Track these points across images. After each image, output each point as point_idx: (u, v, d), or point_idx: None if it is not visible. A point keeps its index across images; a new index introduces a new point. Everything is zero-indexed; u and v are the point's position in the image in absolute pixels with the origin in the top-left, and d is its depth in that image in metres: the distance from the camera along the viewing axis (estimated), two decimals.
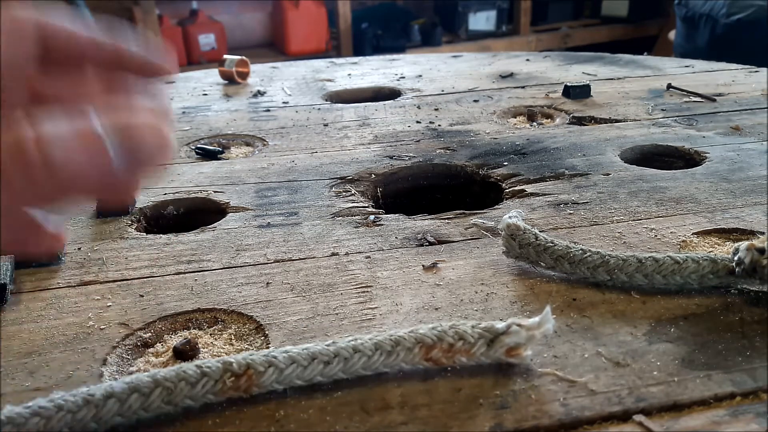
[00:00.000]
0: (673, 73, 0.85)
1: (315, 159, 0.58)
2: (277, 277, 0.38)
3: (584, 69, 0.89)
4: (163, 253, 0.41)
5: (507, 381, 0.28)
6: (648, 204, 0.46)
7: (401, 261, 0.40)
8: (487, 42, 2.86)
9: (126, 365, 0.31)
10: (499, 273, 0.38)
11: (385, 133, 0.64)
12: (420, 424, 0.26)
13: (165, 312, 0.35)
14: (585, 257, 0.35)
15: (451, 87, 0.82)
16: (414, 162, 0.56)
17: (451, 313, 0.34)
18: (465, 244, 0.41)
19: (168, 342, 0.33)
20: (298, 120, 0.70)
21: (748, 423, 0.26)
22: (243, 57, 0.89)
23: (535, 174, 0.52)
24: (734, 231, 0.42)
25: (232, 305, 0.35)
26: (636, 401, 0.27)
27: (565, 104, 0.72)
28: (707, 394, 0.27)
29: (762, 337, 0.31)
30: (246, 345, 0.32)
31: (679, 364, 0.29)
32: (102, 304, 0.36)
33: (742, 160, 0.53)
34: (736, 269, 0.33)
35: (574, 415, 0.26)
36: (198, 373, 0.27)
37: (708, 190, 0.48)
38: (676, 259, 0.34)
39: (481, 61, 0.97)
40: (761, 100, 0.70)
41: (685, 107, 0.69)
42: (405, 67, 0.96)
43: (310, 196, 0.50)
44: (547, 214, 0.45)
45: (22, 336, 0.33)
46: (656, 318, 0.33)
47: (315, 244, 0.42)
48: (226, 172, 0.55)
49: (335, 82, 0.87)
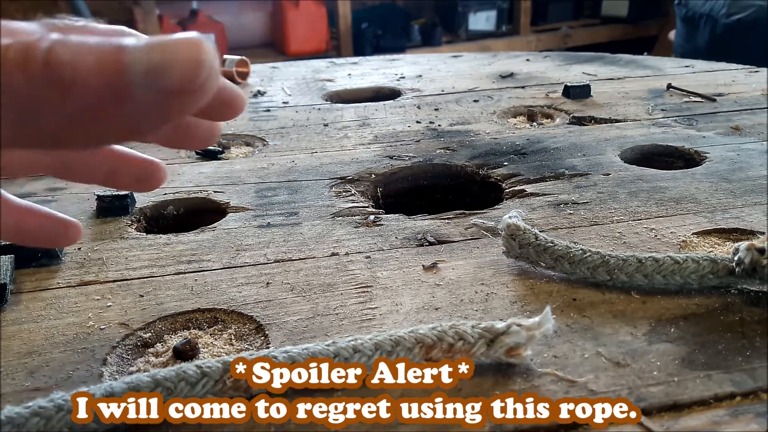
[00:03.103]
0: (673, 73, 0.85)
1: (315, 159, 0.58)
2: (277, 277, 0.38)
3: (584, 69, 0.89)
4: (163, 253, 0.41)
5: (507, 381, 0.28)
6: (648, 204, 0.46)
7: (401, 261, 0.40)
8: (487, 42, 2.86)
9: (126, 365, 0.31)
10: (499, 273, 0.38)
11: (385, 133, 0.64)
12: (420, 424, 0.26)
13: (165, 312, 0.35)
14: (585, 257, 0.35)
15: (451, 87, 0.82)
16: (414, 162, 0.56)
17: (451, 313, 0.34)
18: (465, 244, 0.41)
19: (168, 342, 0.33)
20: (298, 120, 0.70)
21: (748, 423, 0.26)
22: (243, 57, 0.89)
23: (535, 174, 0.52)
24: (734, 231, 0.42)
25: (232, 305, 0.35)
26: (636, 401, 0.27)
27: (565, 104, 0.72)
28: (707, 394, 0.27)
29: (762, 337, 0.31)
30: (246, 345, 0.32)
31: (679, 364, 0.29)
32: (102, 304, 0.36)
33: (742, 160, 0.53)
34: (736, 269, 0.33)
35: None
36: (198, 373, 0.27)
37: (708, 190, 0.48)
38: (676, 259, 0.34)
39: (481, 61, 0.97)
40: (761, 100, 0.70)
41: (685, 107, 0.69)
42: (405, 67, 0.96)
43: (310, 196, 0.50)
44: (547, 214, 0.45)
45: (22, 336, 0.33)
46: (656, 318, 0.33)
47: (315, 244, 0.42)
48: (226, 172, 0.55)
49: (335, 82, 0.87)
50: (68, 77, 0.18)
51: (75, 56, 0.18)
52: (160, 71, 0.18)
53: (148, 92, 0.18)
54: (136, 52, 0.18)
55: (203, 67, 0.18)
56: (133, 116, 0.19)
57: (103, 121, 0.19)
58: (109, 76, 0.18)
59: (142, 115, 0.19)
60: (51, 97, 0.18)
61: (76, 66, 0.18)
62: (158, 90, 0.18)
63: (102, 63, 0.18)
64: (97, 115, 0.19)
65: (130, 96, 0.18)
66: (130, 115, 0.19)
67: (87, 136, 0.20)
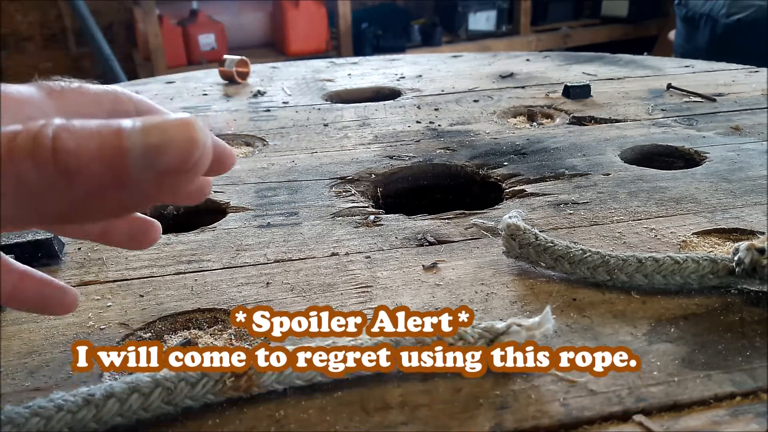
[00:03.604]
0: (673, 73, 0.85)
1: (315, 159, 0.58)
2: (277, 277, 0.38)
3: (584, 69, 0.89)
4: (163, 253, 0.41)
5: (507, 381, 0.28)
6: (648, 204, 0.46)
7: (401, 261, 0.40)
8: (487, 42, 2.86)
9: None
10: (499, 273, 0.38)
11: (385, 133, 0.64)
12: (420, 424, 0.26)
13: (165, 312, 0.35)
14: (585, 257, 0.35)
15: (451, 87, 0.82)
16: (414, 162, 0.56)
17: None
18: (465, 244, 0.41)
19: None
20: (298, 120, 0.70)
21: (748, 423, 0.26)
22: (243, 57, 0.89)
23: (535, 174, 0.52)
24: (734, 231, 0.42)
25: (232, 305, 0.35)
26: (636, 401, 0.27)
27: (565, 104, 0.72)
28: (707, 394, 0.27)
29: (762, 337, 0.31)
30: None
31: (679, 364, 0.29)
32: (102, 304, 0.36)
33: (742, 160, 0.53)
34: (736, 269, 0.33)
35: (574, 415, 0.26)
36: (198, 373, 0.27)
37: (708, 190, 0.48)
38: (676, 259, 0.34)
39: (481, 61, 0.97)
40: (761, 100, 0.70)
41: (685, 107, 0.69)
42: (405, 67, 0.96)
43: (310, 196, 0.50)
44: (547, 214, 0.45)
45: (22, 336, 0.33)
46: (656, 318, 0.33)
47: (315, 244, 0.42)
48: (226, 172, 0.55)
49: (335, 82, 0.87)
50: (74, 165, 0.18)
51: (79, 143, 0.18)
52: (157, 153, 0.19)
53: (146, 173, 0.19)
54: (134, 135, 0.19)
55: (197, 146, 0.19)
56: (127, 195, 0.20)
57: (101, 202, 0.20)
58: (111, 162, 0.19)
59: (137, 194, 0.20)
60: (57, 184, 0.19)
61: (81, 153, 0.18)
62: (155, 170, 0.19)
63: (103, 149, 0.18)
64: (98, 197, 0.20)
65: (129, 178, 0.19)
66: (125, 195, 0.20)
67: (85, 215, 0.21)
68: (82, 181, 0.19)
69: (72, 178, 0.19)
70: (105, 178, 0.19)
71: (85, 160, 0.18)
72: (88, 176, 0.19)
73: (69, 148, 0.18)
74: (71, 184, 0.19)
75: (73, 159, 0.18)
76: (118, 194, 0.20)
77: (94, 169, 0.19)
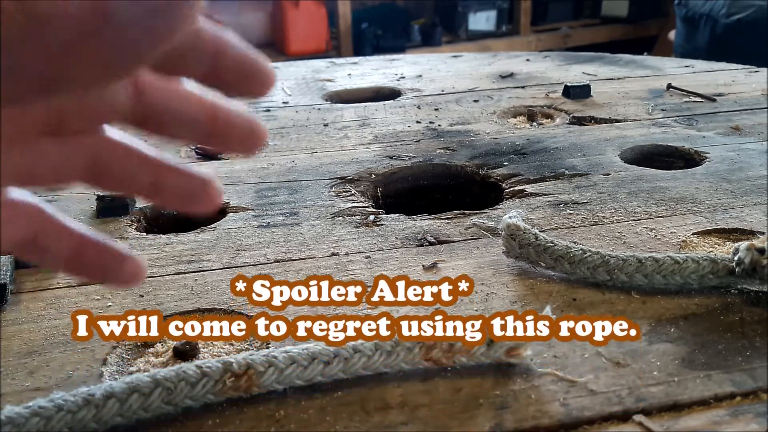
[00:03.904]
0: (673, 73, 0.85)
1: (315, 159, 0.58)
2: (277, 277, 0.38)
3: (584, 69, 0.89)
4: (163, 253, 0.41)
5: (507, 381, 0.28)
6: (648, 204, 0.46)
7: (401, 261, 0.40)
8: (487, 42, 2.85)
9: (126, 365, 0.31)
10: (499, 273, 0.38)
11: (385, 133, 0.64)
12: (420, 424, 0.26)
13: (165, 312, 0.35)
14: (585, 257, 0.35)
15: (451, 87, 0.82)
16: (414, 162, 0.56)
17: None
18: (465, 244, 0.41)
19: (168, 342, 0.33)
20: (298, 120, 0.70)
21: (748, 423, 0.26)
22: None
23: (535, 174, 0.52)
24: (734, 231, 0.42)
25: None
26: (636, 401, 0.27)
27: (565, 104, 0.72)
28: (707, 394, 0.27)
29: (762, 337, 0.31)
30: (246, 345, 0.32)
31: (679, 364, 0.29)
32: (102, 304, 0.36)
33: (742, 160, 0.53)
34: (736, 269, 0.33)
35: (574, 415, 0.26)
36: (198, 373, 0.27)
37: (708, 190, 0.48)
38: (676, 259, 0.34)
39: (481, 61, 0.97)
40: (761, 100, 0.70)
41: (685, 107, 0.69)
42: (405, 67, 0.96)
43: (310, 196, 0.50)
44: (547, 214, 0.45)
45: (22, 336, 0.33)
46: (656, 318, 0.33)
47: (315, 244, 0.42)
48: (226, 172, 0.55)
49: (335, 82, 0.87)
50: (46, 8, 0.16)
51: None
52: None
53: (130, 10, 0.16)
54: None
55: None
56: (108, 47, 0.17)
57: (79, 57, 0.17)
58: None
59: (122, 44, 0.17)
60: (30, 30, 0.16)
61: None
62: (141, 7, 0.16)
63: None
64: (76, 49, 0.17)
65: (111, 18, 0.16)
66: (106, 47, 0.17)
67: (68, 79, 0.18)
68: (55, 25, 0.16)
69: (45, 21, 0.16)
70: (82, 16, 0.16)
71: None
72: (61, 19, 0.16)
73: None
74: (42, 33, 0.16)
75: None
76: (99, 46, 0.17)
77: (69, 9, 0.16)
